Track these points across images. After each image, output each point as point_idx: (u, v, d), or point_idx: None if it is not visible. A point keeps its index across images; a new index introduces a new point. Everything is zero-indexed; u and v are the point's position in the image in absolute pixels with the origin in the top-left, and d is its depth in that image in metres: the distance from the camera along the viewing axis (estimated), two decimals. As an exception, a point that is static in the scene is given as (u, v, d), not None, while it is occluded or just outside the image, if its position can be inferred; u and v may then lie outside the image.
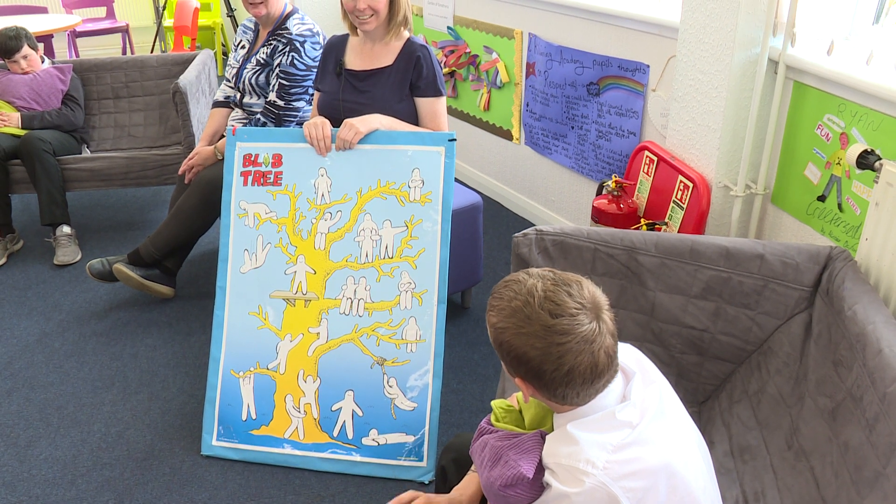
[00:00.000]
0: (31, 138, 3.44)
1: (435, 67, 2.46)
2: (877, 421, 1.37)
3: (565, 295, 1.19)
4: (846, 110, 2.09)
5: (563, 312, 1.17)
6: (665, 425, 1.24)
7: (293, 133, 2.37)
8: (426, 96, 2.46)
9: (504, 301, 1.22)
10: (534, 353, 1.17)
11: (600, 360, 1.18)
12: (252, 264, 2.34)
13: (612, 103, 3.07)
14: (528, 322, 1.18)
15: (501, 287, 1.26)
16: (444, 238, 2.24)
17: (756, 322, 1.85)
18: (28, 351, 2.85)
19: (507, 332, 1.20)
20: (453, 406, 2.50)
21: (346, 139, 2.29)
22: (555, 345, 1.16)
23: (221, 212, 2.37)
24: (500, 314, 1.22)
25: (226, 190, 2.37)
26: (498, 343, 1.23)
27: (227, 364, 2.32)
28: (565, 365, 1.16)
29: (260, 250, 2.33)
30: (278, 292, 2.31)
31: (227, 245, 2.35)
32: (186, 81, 3.47)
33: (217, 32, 6.87)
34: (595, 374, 1.18)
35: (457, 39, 4.00)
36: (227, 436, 2.30)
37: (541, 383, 1.20)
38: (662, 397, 1.27)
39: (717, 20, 2.32)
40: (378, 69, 2.47)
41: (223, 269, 2.35)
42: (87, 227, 3.85)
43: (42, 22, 5.21)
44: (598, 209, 2.71)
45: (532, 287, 1.21)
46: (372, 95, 2.46)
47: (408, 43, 2.46)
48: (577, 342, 1.16)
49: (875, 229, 1.74)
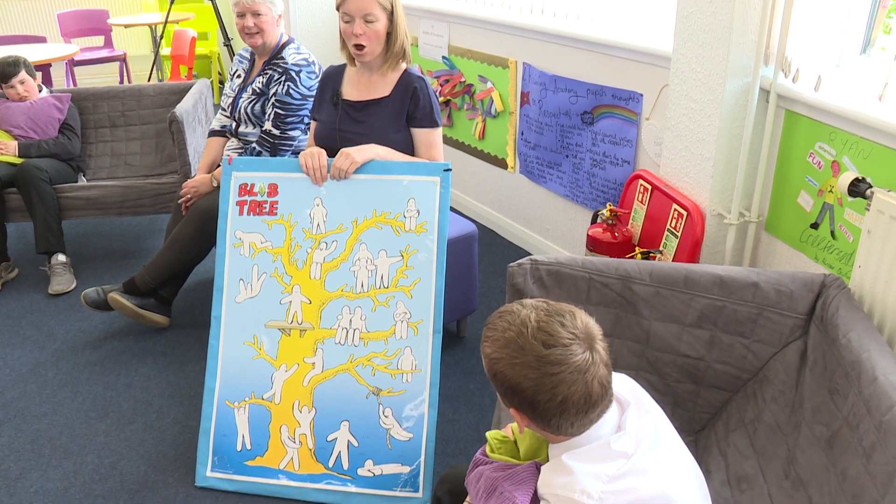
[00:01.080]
0: (28, 167, 3.45)
1: (431, 99, 2.48)
2: (874, 450, 1.37)
3: (558, 325, 1.19)
4: (837, 139, 2.11)
5: (556, 343, 1.17)
6: (660, 455, 1.23)
7: (289, 163, 2.37)
8: (422, 127, 2.48)
9: (498, 332, 1.23)
10: (527, 384, 1.18)
11: (594, 390, 1.18)
12: (247, 294, 2.33)
13: (606, 132, 3.09)
14: (521, 352, 1.18)
15: (496, 318, 1.26)
16: (439, 268, 2.24)
17: (751, 350, 1.85)
18: (21, 380, 2.84)
19: (501, 362, 1.21)
20: (449, 436, 2.49)
21: (341, 168, 2.29)
22: (548, 375, 1.16)
23: (217, 241, 2.37)
24: (495, 345, 1.23)
25: (221, 219, 2.37)
26: (493, 373, 1.24)
27: (221, 394, 2.30)
28: (559, 395, 1.16)
29: (255, 280, 2.33)
30: (273, 322, 2.31)
31: (223, 274, 2.35)
32: (183, 110, 3.49)
33: (214, 61, 6.92)
34: (589, 404, 1.18)
35: (452, 69, 4.04)
36: (222, 466, 2.28)
37: (535, 413, 1.20)
38: (658, 427, 1.27)
39: (709, 50, 2.34)
40: (375, 100, 2.48)
41: (218, 298, 2.34)
42: (82, 256, 3.85)
43: (41, 51, 5.24)
44: (593, 238, 2.72)
45: (526, 318, 1.21)
46: (369, 125, 2.47)
47: (405, 74, 2.48)
48: (571, 372, 1.16)
49: (868, 257, 1.75)
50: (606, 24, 3.10)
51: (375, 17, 2.33)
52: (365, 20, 2.33)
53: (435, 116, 2.49)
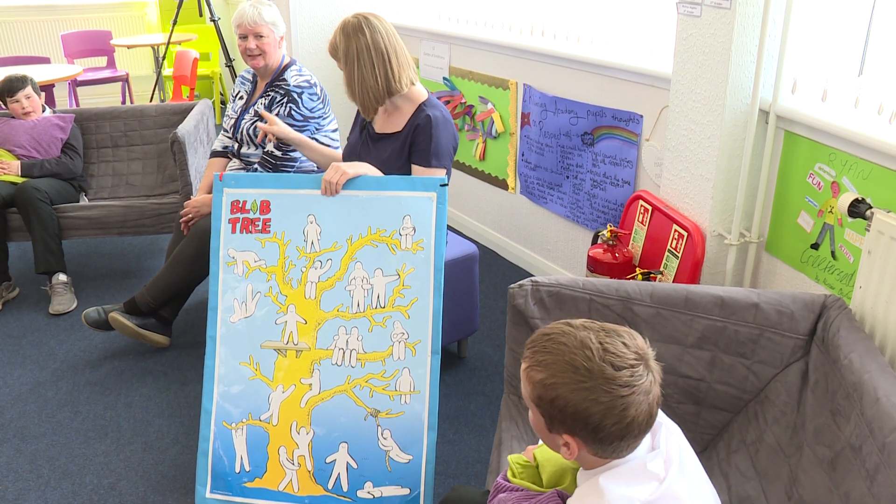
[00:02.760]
0: (27, 187, 3.46)
1: (433, 137, 2.39)
2: (877, 472, 1.36)
3: (622, 346, 1.15)
4: (836, 159, 2.12)
5: (624, 364, 1.13)
6: (687, 479, 1.21)
7: (281, 179, 2.34)
8: (418, 164, 2.43)
9: (554, 355, 1.16)
10: (596, 409, 1.12)
11: (654, 410, 1.16)
12: (242, 314, 2.30)
13: (606, 153, 3.10)
14: (589, 376, 1.13)
15: (544, 341, 1.19)
16: (437, 287, 2.20)
17: (752, 371, 1.84)
18: (21, 400, 2.83)
19: (562, 387, 1.14)
20: (449, 457, 2.48)
21: (331, 181, 2.24)
22: (619, 398, 1.12)
23: (210, 259, 2.33)
24: (551, 369, 1.16)
25: (214, 237, 2.33)
26: (547, 400, 1.17)
27: (219, 415, 2.28)
28: (627, 418, 1.12)
29: (250, 299, 2.30)
30: (269, 342, 2.28)
31: (217, 294, 2.31)
32: (185, 131, 3.51)
33: (216, 82, 6.96)
34: (649, 423, 1.16)
35: (452, 90, 4.06)
36: (221, 488, 2.26)
37: (596, 438, 1.15)
38: (681, 448, 1.25)
39: (709, 71, 2.36)
40: (389, 134, 2.48)
41: (213, 318, 2.31)
42: (83, 275, 3.85)
43: (45, 72, 5.27)
44: (594, 258, 2.72)
45: (586, 339, 1.16)
46: (380, 158, 2.46)
47: (418, 109, 2.44)
48: (639, 394, 1.13)
49: (868, 277, 1.75)
50: (606, 45, 3.12)
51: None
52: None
53: (430, 156, 2.40)
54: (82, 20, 6.96)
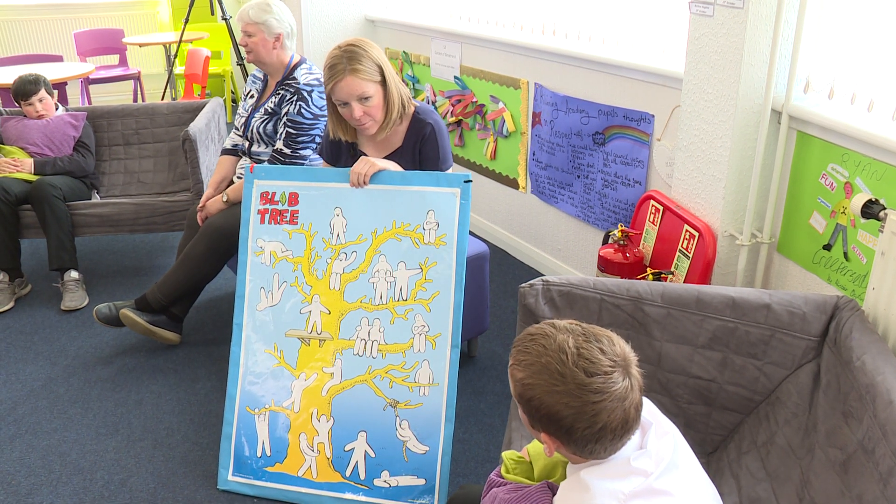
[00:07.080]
0: (42, 184, 3.48)
1: (440, 145, 2.44)
2: (891, 475, 1.35)
3: (598, 352, 1.16)
4: (850, 160, 2.11)
5: (597, 371, 1.14)
6: (679, 477, 1.22)
7: (309, 172, 2.39)
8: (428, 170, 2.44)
9: (532, 356, 1.19)
10: (567, 412, 1.14)
11: (630, 416, 1.17)
12: (268, 302, 2.35)
13: (617, 153, 3.10)
14: (561, 380, 1.15)
15: (527, 341, 1.22)
16: (458, 281, 2.24)
17: (763, 372, 1.83)
18: (33, 396, 2.84)
19: (537, 388, 1.17)
20: (459, 455, 2.48)
21: (360, 172, 2.29)
22: (590, 403, 1.13)
23: (239, 249, 2.40)
24: (529, 370, 1.18)
25: (243, 227, 2.40)
26: (525, 399, 1.19)
27: (242, 401, 2.33)
28: (598, 423, 1.14)
29: (276, 288, 2.35)
30: (293, 331, 2.32)
31: (244, 282, 2.38)
32: (196, 129, 3.52)
33: (227, 80, 6.98)
34: (625, 429, 1.17)
35: (463, 89, 4.06)
36: (243, 471, 2.30)
37: (570, 439, 1.18)
38: (676, 448, 1.26)
39: (721, 71, 2.35)
40: (390, 153, 2.49)
41: (240, 306, 2.37)
42: (95, 273, 3.87)
43: (58, 70, 5.30)
44: (605, 258, 2.72)
45: (563, 343, 1.17)
46: None
47: (414, 120, 2.45)
48: (612, 400, 1.14)
49: (882, 279, 1.74)
50: (618, 45, 3.11)
51: (369, 93, 2.29)
52: (360, 101, 2.30)
53: (440, 163, 2.45)
54: (95, 18, 6.99)
